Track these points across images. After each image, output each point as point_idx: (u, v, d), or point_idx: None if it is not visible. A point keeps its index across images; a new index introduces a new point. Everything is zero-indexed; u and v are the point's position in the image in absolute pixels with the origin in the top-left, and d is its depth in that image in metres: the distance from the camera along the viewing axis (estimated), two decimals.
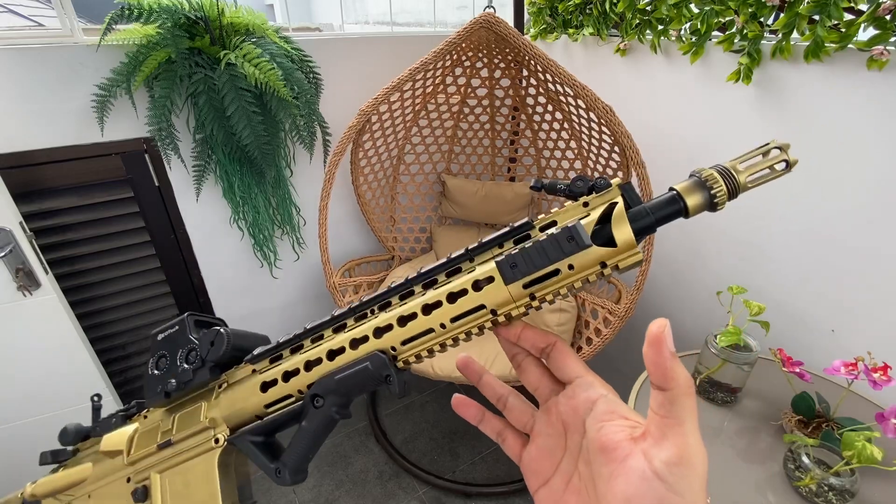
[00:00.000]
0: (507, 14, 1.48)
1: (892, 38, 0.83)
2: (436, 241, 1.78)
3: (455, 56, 1.46)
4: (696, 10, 1.12)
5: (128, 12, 1.06)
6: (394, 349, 0.28)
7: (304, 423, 0.29)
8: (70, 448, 0.37)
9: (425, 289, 0.28)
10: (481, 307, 0.26)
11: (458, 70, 1.54)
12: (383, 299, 0.29)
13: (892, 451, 0.77)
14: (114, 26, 1.07)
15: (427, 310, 0.27)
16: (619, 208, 0.25)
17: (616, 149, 1.27)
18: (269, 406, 0.30)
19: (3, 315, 1.08)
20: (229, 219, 1.46)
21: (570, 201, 0.27)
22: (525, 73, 1.51)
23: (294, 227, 1.56)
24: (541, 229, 0.27)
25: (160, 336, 0.34)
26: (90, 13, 1.55)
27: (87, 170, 1.23)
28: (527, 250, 0.25)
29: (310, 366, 0.29)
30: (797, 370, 0.87)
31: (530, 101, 1.58)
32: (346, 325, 0.29)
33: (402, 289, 0.28)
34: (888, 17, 0.82)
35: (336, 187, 1.61)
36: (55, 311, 1.13)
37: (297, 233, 1.59)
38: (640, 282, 1.17)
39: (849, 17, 0.88)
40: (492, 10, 1.24)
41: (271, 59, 1.19)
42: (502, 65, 1.53)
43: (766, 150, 0.26)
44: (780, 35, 0.96)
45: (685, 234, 1.35)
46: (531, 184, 0.29)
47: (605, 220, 0.25)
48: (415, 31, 1.63)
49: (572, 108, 1.39)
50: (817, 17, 0.90)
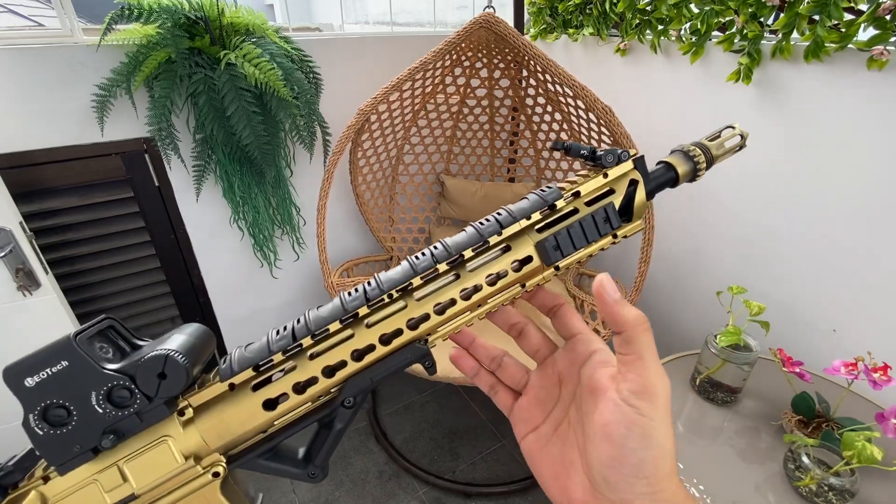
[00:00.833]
0: (507, 14, 1.48)
1: (892, 38, 0.83)
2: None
3: (455, 56, 1.47)
4: (696, 10, 1.12)
5: (128, 12, 1.06)
6: (430, 333, 0.28)
7: (337, 425, 0.28)
8: None
9: (451, 266, 0.27)
10: (517, 284, 0.28)
11: (458, 70, 1.54)
12: (402, 283, 0.27)
13: (892, 451, 0.77)
14: (114, 26, 1.07)
15: (467, 295, 0.27)
16: (642, 188, 0.28)
17: None
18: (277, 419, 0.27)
19: (3, 315, 1.08)
20: (229, 219, 1.46)
21: (583, 169, 0.29)
22: (525, 73, 1.51)
23: (294, 227, 1.56)
24: (570, 199, 0.28)
25: (30, 380, 0.24)
26: (90, 13, 1.56)
27: (87, 170, 1.23)
28: (567, 232, 0.27)
29: (331, 371, 0.27)
30: (797, 370, 0.87)
31: (530, 101, 1.58)
32: (358, 315, 0.27)
33: (426, 269, 0.27)
34: (888, 17, 0.82)
35: (335, 187, 1.61)
36: (55, 311, 1.13)
37: (296, 233, 1.59)
38: (639, 283, 1.17)
39: (849, 17, 0.88)
40: (492, 10, 1.24)
41: (271, 59, 1.19)
42: (502, 65, 1.53)
43: (724, 130, 0.30)
44: (780, 35, 0.97)
45: (685, 234, 1.35)
46: (551, 144, 0.29)
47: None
48: (415, 31, 1.64)
49: (572, 109, 1.39)
50: (817, 17, 0.90)
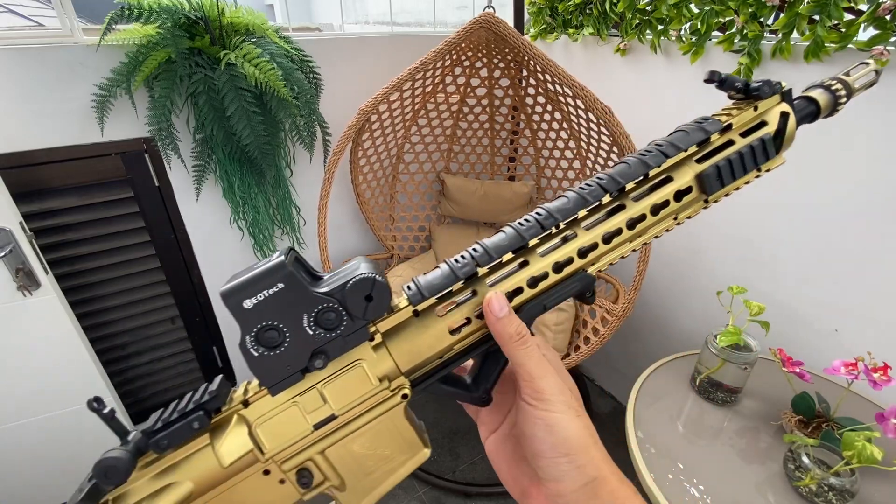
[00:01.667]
0: (507, 14, 1.48)
1: (892, 38, 0.83)
2: (435, 241, 1.78)
3: (455, 56, 1.46)
4: (696, 10, 1.12)
5: (128, 12, 1.06)
6: (593, 263, 0.29)
7: (503, 355, 0.29)
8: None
9: (614, 199, 0.28)
10: (671, 216, 0.28)
11: (458, 70, 1.54)
12: (570, 215, 0.28)
13: (892, 451, 0.77)
14: (114, 26, 1.07)
15: (632, 224, 0.28)
16: (793, 119, 0.28)
17: (615, 149, 1.27)
18: (456, 344, 0.29)
19: (3, 315, 1.08)
20: (229, 219, 1.46)
21: (733, 101, 0.29)
22: (524, 73, 1.51)
23: (294, 227, 1.56)
24: (721, 132, 0.28)
25: (248, 302, 0.24)
26: (90, 13, 1.55)
27: (87, 170, 1.23)
28: (728, 161, 0.28)
29: (508, 297, 0.28)
30: (797, 370, 0.87)
31: (529, 100, 1.58)
32: (527, 246, 0.28)
33: (592, 200, 0.28)
34: (888, 17, 0.82)
35: (336, 187, 1.61)
36: (55, 311, 1.13)
37: (297, 233, 1.59)
38: (638, 281, 1.17)
39: (849, 17, 0.88)
40: (491, 10, 1.24)
41: (271, 59, 1.19)
42: (502, 65, 1.53)
43: (859, 65, 0.30)
44: (780, 35, 0.96)
45: (685, 233, 1.35)
46: (706, 76, 0.29)
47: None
48: (415, 31, 1.63)
49: (571, 109, 1.39)
50: (817, 17, 0.90)
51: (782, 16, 0.94)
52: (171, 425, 0.26)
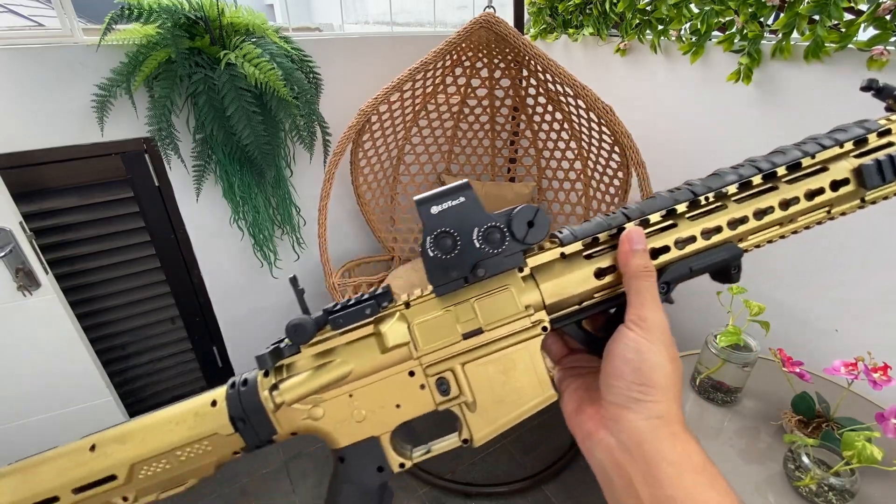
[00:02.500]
0: (507, 14, 1.48)
1: (892, 38, 0.83)
2: None
3: (455, 56, 1.46)
4: (696, 10, 1.12)
5: (128, 12, 1.06)
6: (741, 240, 0.29)
7: None
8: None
9: (765, 180, 0.29)
10: (824, 208, 0.28)
11: (458, 70, 1.54)
12: (721, 187, 0.29)
13: (892, 451, 0.77)
14: (114, 26, 1.07)
15: (785, 205, 0.28)
16: None
17: (616, 149, 1.27)
18: (595, 292, 0.30)
19: (3, 315, 1.08)
20: (229, 219, 1.46)
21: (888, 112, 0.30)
22: (525, 73, 1.51)
23: (294, 227, 1.56)
24: (879, 135, 0.29)
25: (435, 208, 0.28)
26: (90, 13, 1.55)
27: (87, 170, 1.23)
28: (890, 158, 0.27)
29: (654, 254, 0.29)
30: (797, 370, 0.87)
31: (530, 101, 1.58)
32: (676, 210, 0.29)
33: (746, 176, 0.29)
34: (888, 17, 0.82)
35: (336, 187, 1.61)
36: (55, 311, 1.13)
37: (297, 233, 1.59)
38: None
39: (849, 17, 0.88)
40: (492, 10, 1.24)
41: (271, 59, 1.19)
42: (502, 65, 1.53)
43: None
44: (780, 35, 0.97)
45: None
46: (863, 83, 0.29)
47: None
48: (415, 31, 1.64)
49: (572, 109, 1.39)
50: (817, 17, 0.90)
51: (782, 16, 0.94)
52: (347, 308, 0.30)
